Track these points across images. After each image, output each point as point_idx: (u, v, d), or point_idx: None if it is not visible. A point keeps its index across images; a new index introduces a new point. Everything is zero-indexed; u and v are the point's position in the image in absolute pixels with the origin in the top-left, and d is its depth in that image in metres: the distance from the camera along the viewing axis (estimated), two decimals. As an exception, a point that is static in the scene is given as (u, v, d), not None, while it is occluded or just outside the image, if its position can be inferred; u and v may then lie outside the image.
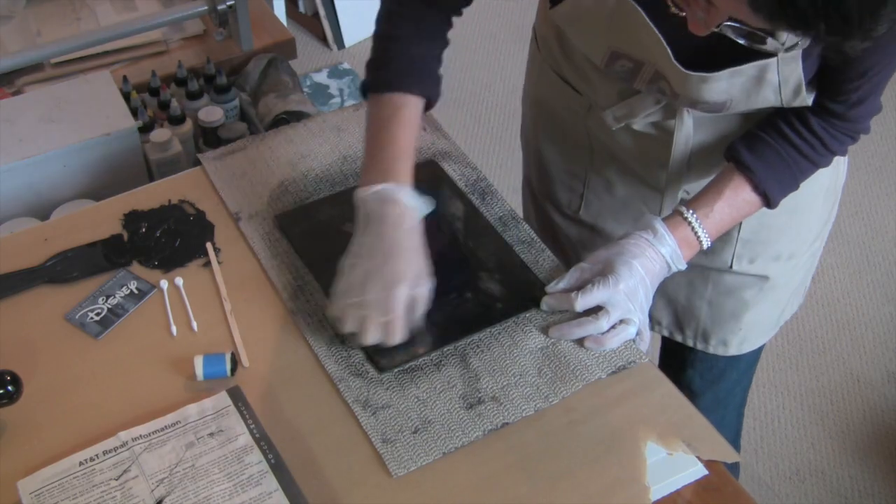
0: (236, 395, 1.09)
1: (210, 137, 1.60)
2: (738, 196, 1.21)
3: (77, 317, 1.18)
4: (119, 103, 1.52)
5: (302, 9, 3.60)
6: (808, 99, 1.15)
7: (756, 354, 1.54)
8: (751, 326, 1.45)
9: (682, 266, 1.20)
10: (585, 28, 1.21)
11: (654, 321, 1.49)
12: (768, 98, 1.14)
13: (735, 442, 1.68)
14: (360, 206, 1.16)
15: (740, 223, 1.31)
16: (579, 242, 1.51)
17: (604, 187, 1.42)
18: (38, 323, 1.19)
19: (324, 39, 3.57)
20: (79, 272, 1.24)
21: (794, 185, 1.23)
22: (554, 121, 1.44)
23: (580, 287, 1.17)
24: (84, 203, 1.44)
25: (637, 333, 1.18)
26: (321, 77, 3.39)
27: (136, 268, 1.25)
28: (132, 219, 1.31)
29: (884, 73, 1.12)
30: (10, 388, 1.04)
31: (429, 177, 1.39)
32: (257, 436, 1.05)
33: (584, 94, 1.34)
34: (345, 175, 1.38)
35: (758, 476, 2.27)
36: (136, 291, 1.21)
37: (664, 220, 1.20)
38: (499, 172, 3.05)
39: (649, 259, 1.17)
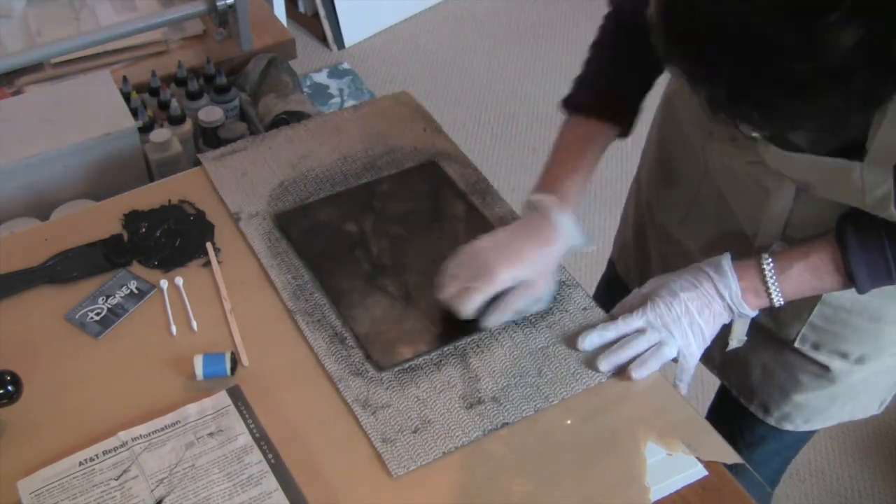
0: (236, 395, 1.09)
1: (210, 137, 1.60)
2: (824, 265, 1.12)
3: (77, 317, 1.18)
4: (119, 103, 1.52)
5: (302, 9, 3.61)
6: None
7: (803, 436, 1.45)
8: (798, 408, 1.36)
9: (748, 312, 1.14)
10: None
11: (709, 356, 1.41)
12: (853, 198, 1.04)
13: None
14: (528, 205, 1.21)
15: (819, 300, 1.23)
16: (657, 250, 1.45)
17: (702, 215, 1.33)
18: (38, 323, 1.19)
19: (324, 39, 3.57)
20: (79, 272, 1.24)
21: (887, 278, 1.10)
22: (678, 132, 1.35)
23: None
24: (84, 203, 1.44)
25: (676, 362, 1.15)
26: (321, 77, 3.39)
27: (136, 268, 1.25)
28: (132, 219, 1.31)
29: None
30: (10, 388, 1.04)
31: (429, 177, 1.39)
32: (257, 435, 1.06)
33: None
34: (345, 175, 1.38)
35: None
36: (135, 291, 1.21)
37: (737, 261, 1.15)
38: (498, 172, 3.05)
39: (704, 295, 1.14)
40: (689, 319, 1.13)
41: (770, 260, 1.13)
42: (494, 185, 1.38)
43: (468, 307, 1.15)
